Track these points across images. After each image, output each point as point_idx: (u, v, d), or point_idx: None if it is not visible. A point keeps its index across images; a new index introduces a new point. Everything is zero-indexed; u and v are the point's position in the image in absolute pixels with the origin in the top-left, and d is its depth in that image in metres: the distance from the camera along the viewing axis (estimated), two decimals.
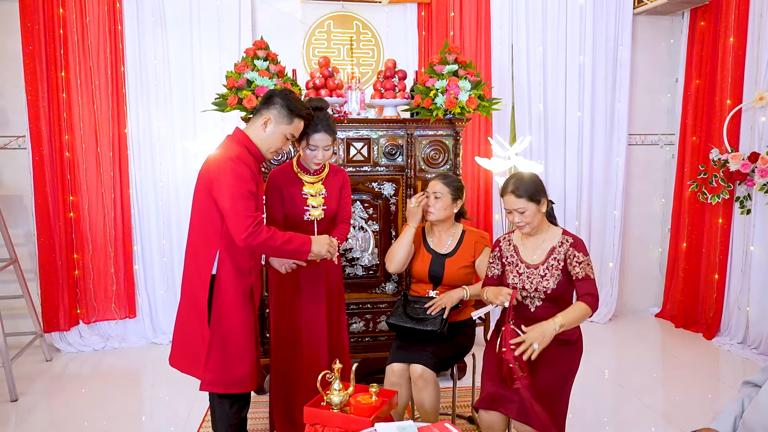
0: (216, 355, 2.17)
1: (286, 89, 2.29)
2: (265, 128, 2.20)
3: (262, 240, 2.07)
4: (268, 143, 2.23)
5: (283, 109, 2.20)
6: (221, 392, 2.20)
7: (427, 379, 2.41)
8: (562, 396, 2.24)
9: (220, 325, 2.17)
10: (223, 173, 2.09)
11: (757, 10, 3.94)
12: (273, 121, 2.20)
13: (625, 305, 4.91)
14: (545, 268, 2.30)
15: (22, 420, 3.10)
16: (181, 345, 2.27)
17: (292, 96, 2.24)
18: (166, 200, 4.20)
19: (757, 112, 3.97)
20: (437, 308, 2.52)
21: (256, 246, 2.10)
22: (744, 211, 4.07)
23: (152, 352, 4.09)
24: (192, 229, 2.24)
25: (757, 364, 3.76)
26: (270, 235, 2.10)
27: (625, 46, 4.56)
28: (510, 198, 2.28)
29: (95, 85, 3.99)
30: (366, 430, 1.87)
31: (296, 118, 2.23)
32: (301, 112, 2.24)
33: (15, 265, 3.70)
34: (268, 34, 3.72)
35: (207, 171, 2.16)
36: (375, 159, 3.39)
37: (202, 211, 2.18)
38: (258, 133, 2.21)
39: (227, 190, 2.06)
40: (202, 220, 2.18)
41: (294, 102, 2.22)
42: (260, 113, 2.22)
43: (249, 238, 2.05)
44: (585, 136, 4.57)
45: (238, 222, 2.05)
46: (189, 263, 2.25)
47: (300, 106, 2.24)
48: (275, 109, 2.20)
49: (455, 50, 3.44)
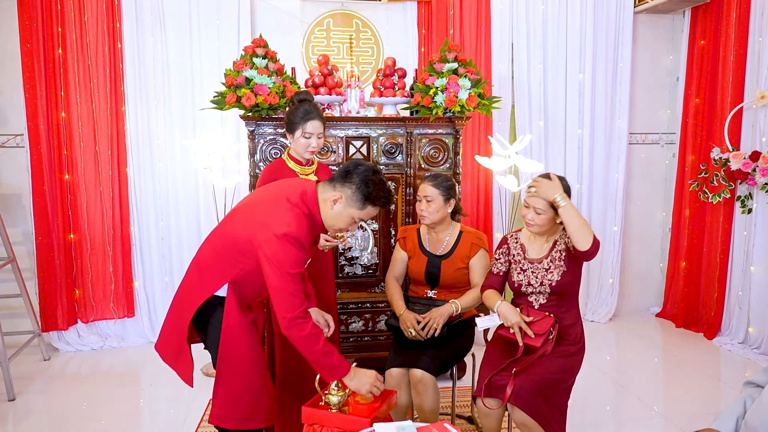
0: (223, 389, 2.02)
1: (372, 167, 2.02)
2: (333, 206, 1.97)
3: (304, 333, 1.87)
4: (331, 221, 2.00)
5: (358, 193, 1.96)
6: (230, 428, 2.04)
7: (426, 384, 2.39)
8: (562, 393, 2.26)
9: (228, 361, 2.01)
10: (277, 247, 1.86)
11: (758, 8, 3.92)
12: (343, 202, 1.97)
13: (625, 305, 4.90)
14: (549, 261, 2.34)
15: (20, 420, 3.08)
16: (167, 338, 2.11)
17: (375, 178, 1.99)
18: (165, 199, 4.19)
19: (758, 110, 3.96)
20: (431, 331, 2.44)
21: (294, 335, 1.88)
22: (745, 210, 4.05)
23: (151, 352, 4.03)
24: (214, 244, 2.03)
25: (758, 364, 3.75)
26: (314, 333, 1.89)
27: (625, 45, 4.54)
28: (534, 199, 2.29)
29: (94, 83, 3.97)
30: (365, 430, 1.85)
31: (369, 206, 1.99)
32: (378, 201, 1.99)
33: (13, 264, 3.68)
34: (268, 32, 3.71)
35: (262, 217, 1.94)
36: (374, 157, 3.37)
37: (238, 243, 1.95)
38: (326, 207, 1.98)
39: (277, 267, 1.85)
40: (233, 251, 1.96)
41: (372, 188, 1.97)
42: (334, 186, 1.98)
43: (293, 322, 1.86)
44: (585, 135, 4.56)
45: (288, 302, 1.86)
46: (194, 274, 2.06)
47: (378, 193, 1.98)
48: (349, 189, 1.96)
49: (455, 48, 3.42)
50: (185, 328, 2.02)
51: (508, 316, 2.30)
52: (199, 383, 3.20)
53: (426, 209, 2.59)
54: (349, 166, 2.01)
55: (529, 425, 2.13)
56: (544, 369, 2.21)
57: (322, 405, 2.01)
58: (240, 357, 2.02)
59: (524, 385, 2.14)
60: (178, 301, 2.10)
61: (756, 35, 3.95)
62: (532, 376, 2.17)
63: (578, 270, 2.35)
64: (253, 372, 2.04)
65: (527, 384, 2.14)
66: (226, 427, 2.04)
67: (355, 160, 2.02)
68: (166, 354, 2.12)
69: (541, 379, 2.17)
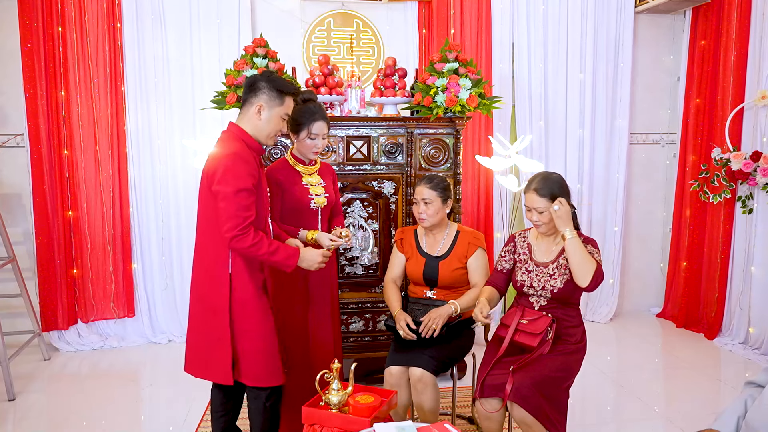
0: (243, 348, 2.14)
1: (267, 71, 2.23)
2: (259, 116, 2.15)
3: (246, 245, 2.03)
4: (266, 130, 2.18)
5: (272, 92, 2.15)
6: (263, 386, 2.18)
7: (426, 383, 2.38)
8: (562, 391, 2.26)
9: (241, 323, 2.14)
10: (219, 171, 2.05)
11: (759, 8, 3.92)
12: (266, 107, 2.15)
13: (626, 305, 4.90)
14: (554, 267, 2.33)
15: (20, 419, 3.08)
16: (194, 349, 2.23)
17: (275, 76, 2.19)
18: (165, 199, 4.18)
19: (759, 111, 3.95)
20: (429, 331, 2.44)
21: (240, 249, 2.05)
22: (746, 210, 4.05)
23: (151, 351, 4.08)
24: (200, 230, 2.18)
25: (759, 365, 3.74)
26: (256, 242, 2.04)
27: (626, 45, 4.54)
28: (532, 195, 2.30)
29: (94, 83, 3.97)
30: (365, 430, 1.85)
31: (287, 97, 2.18)
32: (290, 89, 2.19)
33: (13, 263, 3.68)
34: (268, 32, 3.71)
35: (207, 170, 2.12)
36: (375, 157, 3.37)
37: (208, 211, 2.13)
38: (254, 123, 2.16)
39: (222, 188, 2.03)
40: (210, 221, 2.13)
41: (280, 81, 2.17)
42: (249, 102, 2.17)
43: (234, 240, 2.02)
44: (586, 135, 4.56)
45: (226, 221, 2.02)
46: (199, 265, 2.20)
47: (286, 84, 2.19)
48: (264, 93, 2.15)
49: (456, 48, 3.42)
50: (224, 311, 2.12)
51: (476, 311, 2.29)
52: (199, 383, 3.20)
53: (425, 212, 2.59)
54: (248, 80, 2.19)
55: (529, 423, 2.13)
56: (543, 366, 2.21)
57: (322, 405, 2.01)
58: (255, 320, 2.16)
59: (524, 382, 2.14)
60: (198, 299, 2.21)
61: (757, 35, 3.94)
62: (532, 374, 2.17)
63: None
64: (270, 332, 2.19)
65: (527, 381, 2.14)
66: (259, 385, 2.18)
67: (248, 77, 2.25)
68: (197, 364, 2.23)
69: (540, 377, 2.17)
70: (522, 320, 2.31)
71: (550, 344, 2.25)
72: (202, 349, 2.19)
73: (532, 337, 2.26)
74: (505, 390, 2.14)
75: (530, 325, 2.28)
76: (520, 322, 2.31)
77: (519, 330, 2.30)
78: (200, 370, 2.22)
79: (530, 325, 2.29)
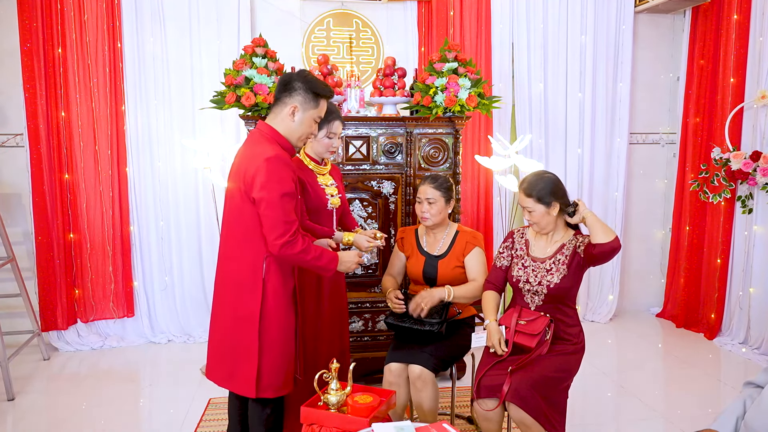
0: (269, 361, 2.08)
1: (303, 71, 2.15)
2: (293, 117, 2.08)
3: (296, 251, 1.97)
4: (299, 132, 2.11)
5: (307, 94, 2.08)
6: (272, 396, 2.12)
7: (425, 380, 2.38)
8: (561, 391, 2.26)
9: (270, 332, 2.08)
10: (260, 175, 1.96)
11: (758, 8, 3.92)
12: (300, 108, 2.08)
13: (626, 305, 4.89)
14: (552, 263, 2.34)
15: (19, 419, 3.08)
16: (219, 357, 2.16)
17: (311, 77, 2.11)
18: (165, 199, 4.18)
19: (758, 110, 3.95)
20: (418, 309, 2.47)
21: (288, 256, 1.99)
22: (745, 210, 4.05)
23: (150, 351, 4.08)
24: (229, 234, 2.10)
25: (759, 365, 3.74)
26: (304, 248, 1.99)
27: (626, 44, 4.54)
28: (521, 195, 2.35)
29: (93, 82, 3.97)
30: (363, 430, 1.85)
31: (322, 100, 2.12)
32: (326, 92, 2.12)
33: (12, 263, 3.68)
34: (268, 32, 3.71)
35: (243, 172, 2.01)
36: (374, 157, 3.37)
37: (243, 216, 2.03)
38: (286, 123, 2.09)
39: (266, 194, 1.95)
40: (244, 226, 2.04)
41: (316, 83, 2.10)
42: (282, 102, 2.09)
43: (284, 247, 1.96)
44: (586, 135, 4.55)
45: (274, 228, 1.95)
46: (227, 270, 2.12)
47: (322, 86, 2.12)
48: (299, 95, 2.07)
49: (455, 48, 3.42)
50: (256, 319, 2.06)
51: (491, 336, 2.35)
52: (198, 383, 3.19)
53: (428, 211, 2.60)
54: (283, 78, 2.12)
55: (528, 423, 2.13)
56: (542, 367, 2.21)
57: (321, 405, 2.00)
58: (283, 328, 2.11)
59: (522, 382, 2.14)
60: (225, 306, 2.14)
61: (756, 35, 3.94)
62: (530, 374, 2.17)
63: (579, 277, 2.34)
64: (292, 341, 2.16)
65: (525, 381, 2.14)
66: (269, 396, 2.12)
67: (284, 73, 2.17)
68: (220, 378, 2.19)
69: (539, 377, 2.17)
70: (520, 321, 2.31)
71: (548, 345, 2.25)
72: (228, 358, 2.13)
73: (530, 338, 2.26)
74: (502, 391, 2.14)
75: (528, 326, 2.28)
76: (518, 322, 2.31)
77: (517, 331, 2.30)
78: (224, 379, 2.16)
79: (528, 325, 2.29)
